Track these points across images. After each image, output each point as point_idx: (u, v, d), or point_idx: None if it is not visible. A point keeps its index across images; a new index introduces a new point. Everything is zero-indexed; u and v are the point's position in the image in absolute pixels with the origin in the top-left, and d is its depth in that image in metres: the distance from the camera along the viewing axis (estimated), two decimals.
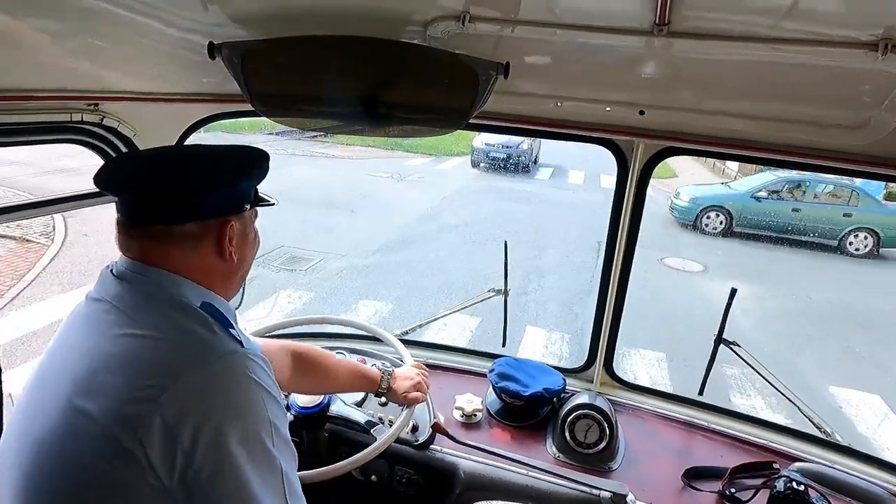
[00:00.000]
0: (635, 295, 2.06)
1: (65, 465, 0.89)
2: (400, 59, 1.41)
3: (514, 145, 17.88)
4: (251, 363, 0.98)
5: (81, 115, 1.37)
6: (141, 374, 0.91)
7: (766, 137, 1.48)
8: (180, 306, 1.01)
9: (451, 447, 1.85)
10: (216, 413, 0.91)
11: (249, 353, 1.00)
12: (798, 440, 1.96)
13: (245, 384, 0.96)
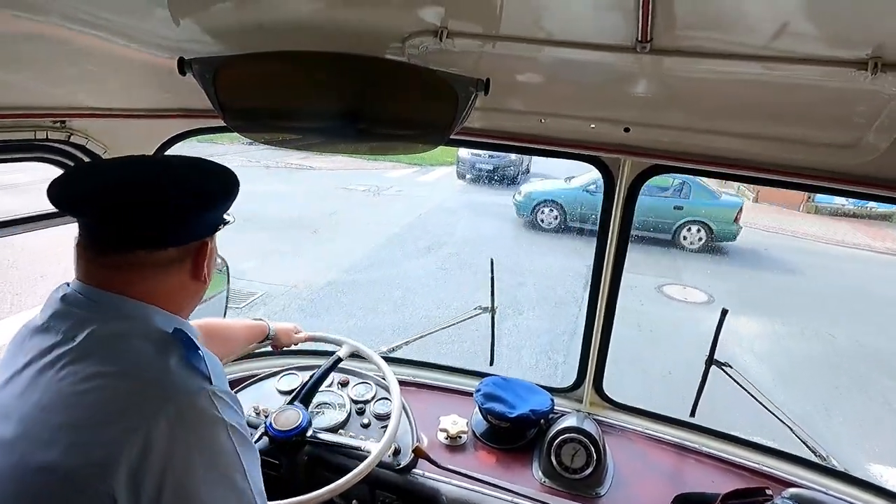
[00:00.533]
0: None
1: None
2: (377, 75, 1.37)
3: (502, 155, 17.03)
4: (219, 401, 0.92)
5: (46, 133, 1.33)
6: (105, 417, 0.85)
7: (755, 156, 1.43)
8: (148, 338, 0.95)
9: (433, 472, 1.80)
10: (182, 456, 0.86)
11: (217, 389, 0.94)
12: (792, 464, 1.90)
13: (212, 424, 0.91)
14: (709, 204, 11.70)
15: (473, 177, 17.35)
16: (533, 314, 7.37)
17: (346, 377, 2.15)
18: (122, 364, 0.90)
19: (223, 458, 0.90)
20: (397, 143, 1.50)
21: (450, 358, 5.51)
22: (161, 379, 0.91)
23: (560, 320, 7.32)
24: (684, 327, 7.15)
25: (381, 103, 1.39)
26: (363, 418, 1.97)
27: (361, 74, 1.36)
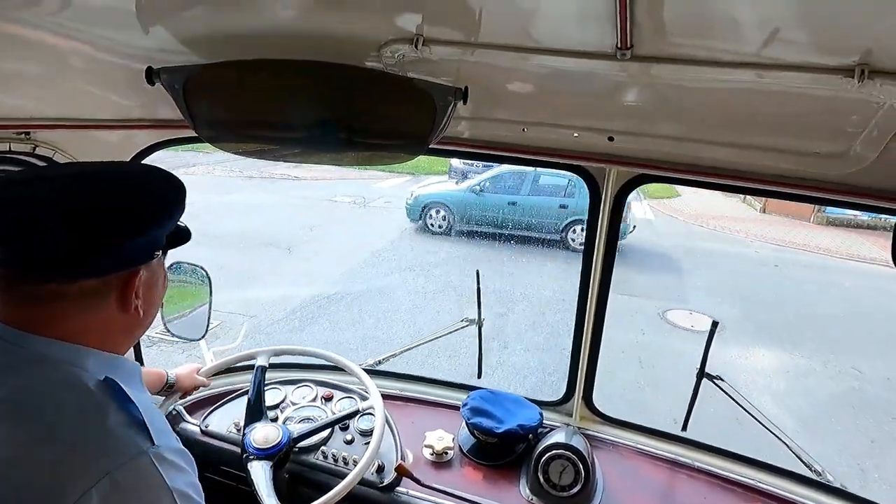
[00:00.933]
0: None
1: None
2: (352, 84, 1.33)
3: (494, 164, 16.32)
4: (164, 464, 0.81)
5: (9, 145, 1.29)
6: (26, 495, 0.73)
7: (742, 166, 1.39)
8: (77, 389, 0.84)
9: (417, 490, 1.75)
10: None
11: (161, 451, 0.82)
12: (787, 480, 1.85)
13: (155, 495, 0.80)
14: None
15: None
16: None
17: (330, 391, 2.10)
18: (45, 426, 0.78)
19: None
20: (375, 152, 1.45)
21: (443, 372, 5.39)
22: (92, 443, 0.79)
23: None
24: (692, 362, 6.30)
25: (357, 112, 1.35)
26: (346, 434, 1.92)
27: (336, 83, 1.32)
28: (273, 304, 7.16)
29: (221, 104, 1.36)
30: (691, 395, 1.97)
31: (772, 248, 12.93)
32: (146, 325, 1.01)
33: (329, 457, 1.83)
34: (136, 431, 0.82)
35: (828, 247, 13.41)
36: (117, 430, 0.81)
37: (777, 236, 13.99)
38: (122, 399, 0.85)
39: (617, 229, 1.76)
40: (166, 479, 0.81)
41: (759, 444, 1.98)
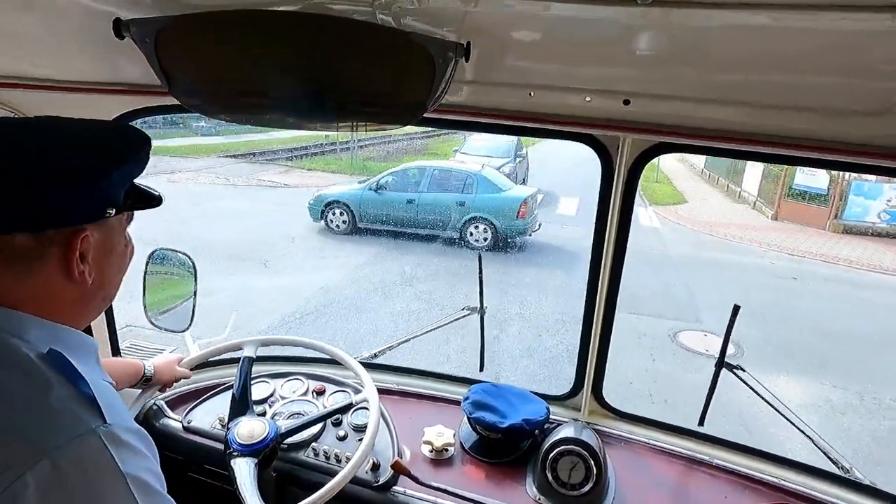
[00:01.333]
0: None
1: None
2: (342, 38, 1.20)
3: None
4: (117, 446, 0.72)
5: None
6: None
7: (774, 129, 1.26)
8: (16, 362, 0.74)
9: (415, 489, 1.62)
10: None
11: (114, 430, 0.73)
12: (813, 477, 1.72)
13: (105, 479, 0.70)
14: (492, 199, 11.05)
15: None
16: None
17: (323, 385, 1.97)
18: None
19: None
20: (369, 118, 1.33)
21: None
22: (29, 421, 0.69)
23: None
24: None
25: (348, 73, 1.22)
26: (339, 430, 1.80)
27: (324, 37, 1.19)
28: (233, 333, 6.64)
29: (198, 62, 1.23)
30: (709, 387, 1.84)
31: (788, 259, 12.02)
32: (101, 297, 0.90)
33: (320, 454, 1.71)
34: (83, 407, 0.73)
35: (848, 257, 12.39)
36: (59, 405, 0.72)
37: (792, 245, 13.11)
38: (69, 373, 0.75)
39: (631, 206, 1.63)
40: (119, 462, 0.71)
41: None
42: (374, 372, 2.07)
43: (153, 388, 1.69)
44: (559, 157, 24.08)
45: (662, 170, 22.62)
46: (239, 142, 23.75)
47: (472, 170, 11.73)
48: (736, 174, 19.37)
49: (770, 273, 10.82)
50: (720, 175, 21.28)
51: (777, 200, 15.86)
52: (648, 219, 15.03)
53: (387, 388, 2.09)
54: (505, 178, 12.27)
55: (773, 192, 16.19)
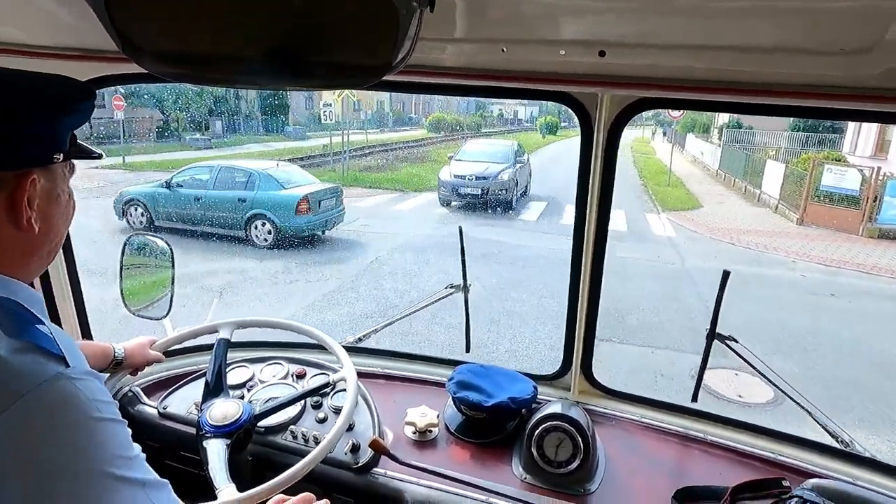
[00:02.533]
0: None
1: None
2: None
3: (490, 176, 14.09)
4: (80, 386, 0.72)
5: None
6: None
7: (759, 76, 1.19)
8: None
9: (398, 470, 1.55)
10: (39, 472, 0.67)
11: (74, 373, 0.73)
12: (812, 452, 1.65)
13: (74, 419, 0.71)
14: (272, 196, 10.89)
15: (460, 204, 14.43)
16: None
17: (304, 369, 1.91)
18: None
19: (96, 458, 0.72)
20: (329, 78, 1.27)
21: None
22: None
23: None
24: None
25: (309, 29, 1.17)
26: (319, 412, 1.74)
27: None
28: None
29: (152, 20, 1.18)
30: (701, 360, 1.78)
31: (821, 271, 10.54)
32: (47, 249, 0.90)
33: (298, 436, 1.65)
34: (45, 355, 0.73)
35: (889, 266, 10.84)
36: (24, 352, 0.72)
37: (823, 254, 11.69)
38: (27, 320, 0.75)
39: (612, 169, 1.57)
40: (90, 398, 0.73)
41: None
42: (357, 356, 2.01)
43: (124, 371, 1.63)
44: (562, 161, 23.87)
45: (675, 173, 22.02)
46: (232, 154, 22.97)
47: (259, 168, 11.65)
48: (754, 175, 18.49)
49: (803, 289, 9.46)
50: (736, 176, 20.47)
51: (803, 203, 14.61)
52: (661, 227, 13.95)
53: (371, 371, 2.03)
54: (303, 176, 12.02)
55: (796, 194, 15.06)
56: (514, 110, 61.48)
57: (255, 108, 34.10)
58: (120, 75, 1.52)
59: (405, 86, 1.51)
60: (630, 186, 20.00)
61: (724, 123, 28.30)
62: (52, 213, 0.86)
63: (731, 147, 23.70)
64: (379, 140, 31.86)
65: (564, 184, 17.40)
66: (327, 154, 22.51)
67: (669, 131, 39.05)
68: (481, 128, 46.20)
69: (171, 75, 1.35)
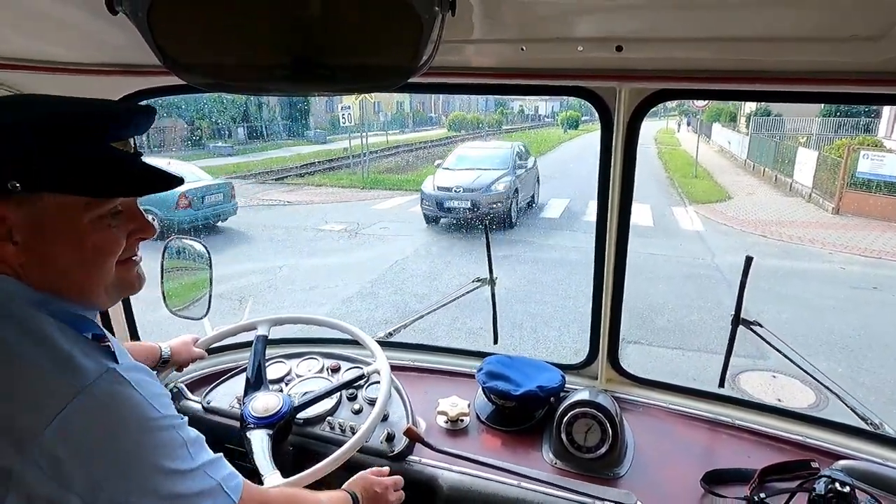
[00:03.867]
0: None
1: None
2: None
3: (481, 187, 11.85)
4: (132, 379, 0.78)
5: None
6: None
7: (775, 64, 1.22)
8: (10, 317, 0.77)
9: (432, 457, 1.62)
10: (103, 464, 0.73)
11: (122, 368, 0.79)
12: (841, 434, 1.66)
13: (135, 406, 0.77)
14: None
15: (449, 221, 12.19)
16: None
17: (338, 363, 1.99)
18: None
19: (160, 451, 0.79)
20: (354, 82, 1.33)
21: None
22: (54, 367, 0.74)
23: None
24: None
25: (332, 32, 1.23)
26: (355, 404, 1.81)
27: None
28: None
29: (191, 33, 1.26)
30: (727, 346, 1.80)
31: (861, 263, 9.88)
32: (65, 284, 0.85)
33: (336, 427, 1.72)
34: (96, 351, 0.79)
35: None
36: (76, 350, 0.76)
37: (862, 244, 10.92)
38: (68, 322, 0.80)
39: (633, 161, 1.60)
40: (141, 391, 0.78)
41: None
42: (388, 350, 2.07)
43: (170, 368, 1.72)
44: (586, 156, 23.25)
45: (702, 164, 21.31)
46: (254, 161, 23.35)
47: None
48: (785, 164, 17.55)
49: (843, 282, 8.85)
50: (766, 165, 19.42)
51: (838, 191, 13.86)
52: (689, 221, 13.23)
53: (402, 364, 2.09)
54: (193, 174, 11.93)
55: (830, 183, 14.29)
56: (534, 106, 61.02)
57: (277, 113, 34.48)
58: (159, 88, 1.61)
59: (429, 87, 1.57)
60: (655, 179, 19.26)
61: (752, 111, 27.23)
62: (40, 243, 0.81)
63: (760, 135, 22.65)
64: (399, 141, 31.89)
65: (585, 181, 16.31)
66: (348, 156, 22.46)
67: (694, 121, 38.21)
68: (502, 125, 45.93)
69: (207, 86, 1.43)
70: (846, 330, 6.72)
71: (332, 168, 22.22)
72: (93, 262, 0.86)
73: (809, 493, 1.37)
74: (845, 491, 1.34)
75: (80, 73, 1.39)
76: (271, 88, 1.42)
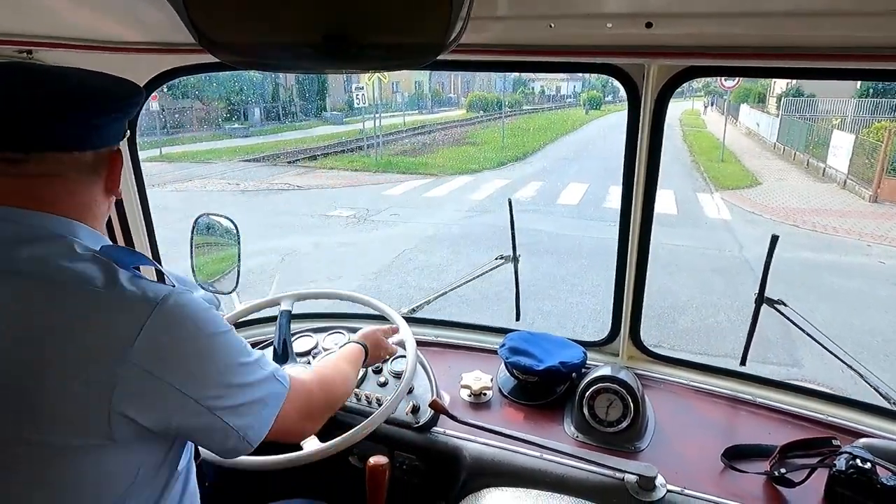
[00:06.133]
0: None
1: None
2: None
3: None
4: (192, 299, 0.90)
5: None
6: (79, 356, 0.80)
7: (808, 40, 1.20)
8: (83, 259, 0.86)
9: (455, 429, 1.66)
10: (183, 372, 0.87)
11: (181, 290, 0.91)
12: (862, 413, 1.67)
13: (205, 317, 0.91)
14: None
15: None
16: None
17: None
18: (84, 291, 0.83)
19: (229, 353, 0.94)
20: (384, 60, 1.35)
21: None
22: (127, 292, 0.85)
23: None
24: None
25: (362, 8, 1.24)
26: (380, 377, 1.85)
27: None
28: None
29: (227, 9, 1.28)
30: (750, 325, 1.81)
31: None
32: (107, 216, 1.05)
33: (362, 399, 1.77)
34: (157, 276, 1.00)
35: None
36: (142, 280, 0.88)
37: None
38: (129, 261, 0.91)
39: (660, 138, 1.60)
40: (200, 304, 0.91)
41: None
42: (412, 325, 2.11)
43: None
44: (610, 138, 22.58)
45: (728, 147, 20.29)
46: (268, 142, 23.13)
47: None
48: (818, 147, 16.71)
49: (881, 277, 8.27)
50: (797, 149, 18.54)
51: (877, 177, 13.03)
52: (716, 209, 12.51)
53: (426, 339, 2.14)
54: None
55: (867, 167, 13.53)
56: (556, 86, 60.00)
57: (294, 94, 34.20)
58: (185, 67, 1.64)
59: (456, 64, 1.58)
60: (679, 163, 18.47)
61: (783, 91, 26.20)
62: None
63: (791, 117, 21.57)
64: (417, 122, 31.43)
65: (604, 164, 16.33)
66: (360, 138, 22.25)
67: (720, 102, 37.11)
68: (523, 105, 45.26)
69: (241, 63, 1.46)
70: (889, 331, 6.25)
71: (345, 150, 21.81)
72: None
73: (830, 469, 1.39)
74: (866, 467, 1.35)
75: (110, 51, 1.42)
76: (303, 66, 1.44)
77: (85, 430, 0.80)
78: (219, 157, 19.69)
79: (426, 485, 1.68)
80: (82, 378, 0.79)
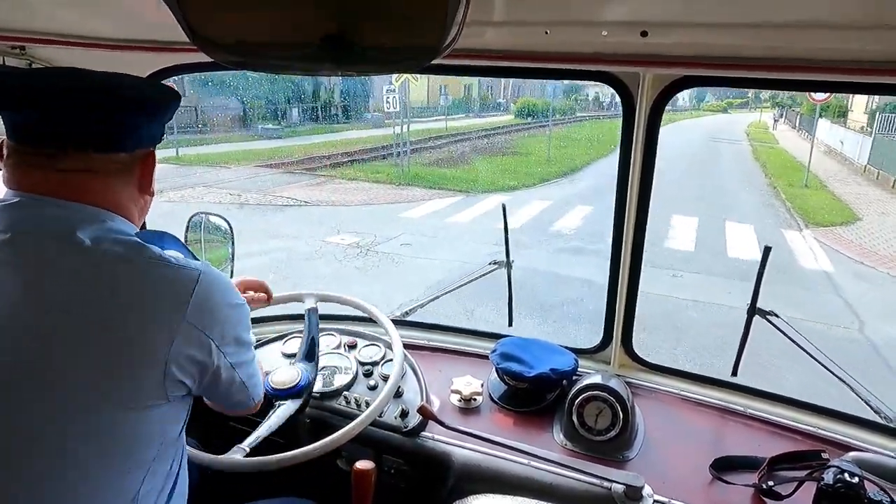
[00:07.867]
0: None
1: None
2: None
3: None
4: (221, 276, 1.05)
5: (2, 59, 1.24)
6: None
7: (805, 52, 1.20)
8: (123, 241, 0.96)
9: (444, 434, 1.65)
10: (220, 335, 1.03)
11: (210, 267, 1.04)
12: (852, 426, 1.67)
13: (229, 298, 1.05)
14: None
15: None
16: None
17: (354, 339, 2.03)
18: (111, 274, 0.93)
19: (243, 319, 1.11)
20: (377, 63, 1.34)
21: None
22: (172, 266, 0.98)
23: None
24: None
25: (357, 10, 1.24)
26: (370, 380, 1.85)
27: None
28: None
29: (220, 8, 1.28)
30: (742, 336, 1.80)
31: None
32: (145, 213, 1.15)
33: (351, 401, 1.76)
34: (184, 260, 1.02)
35: None
36: (178, 257, 1.02)
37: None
38: (163, 244, 1.03)
39: (654, 147, 1.60)
40: (227, 280, 1.08)
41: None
42: (404, 329, 2.11)
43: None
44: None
45: (813, 170, 16.54)
46: (298, 145, 21.15)
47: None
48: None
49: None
50: (893, 173, 14.81)
51: None
52: (811, 254, 9.23)
53: (417, 343, 2.13)
54: None
55: None
56: (610, 93, 57.77)
57: (334, 94, 31.82)
58: (184, 65, 1.64)
59: (450, 69, 1.57)
60: (753, 187, 15.18)
61: (877, 106, 21.31)
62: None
63: (888, 136, 17.72)
64: (461, 128, 28.59)
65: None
66: (389, 145, 19.69)
67: (790, 115, 32.12)
68: (576, 112, 42.00)
69: (234, 63, 1.45)
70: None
71: (375, 158, 19.53)
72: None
73: (818, 483, 1.38)
74: (854, 482, 1.35)
75: (111, 48, 1.41)
76: (298, 67, 1.43)
77: (143, 388, 0.92)
78: (236, 161, 18.19)
79: (413, 489, 1.67)
80: (150, 332, 0.92)
